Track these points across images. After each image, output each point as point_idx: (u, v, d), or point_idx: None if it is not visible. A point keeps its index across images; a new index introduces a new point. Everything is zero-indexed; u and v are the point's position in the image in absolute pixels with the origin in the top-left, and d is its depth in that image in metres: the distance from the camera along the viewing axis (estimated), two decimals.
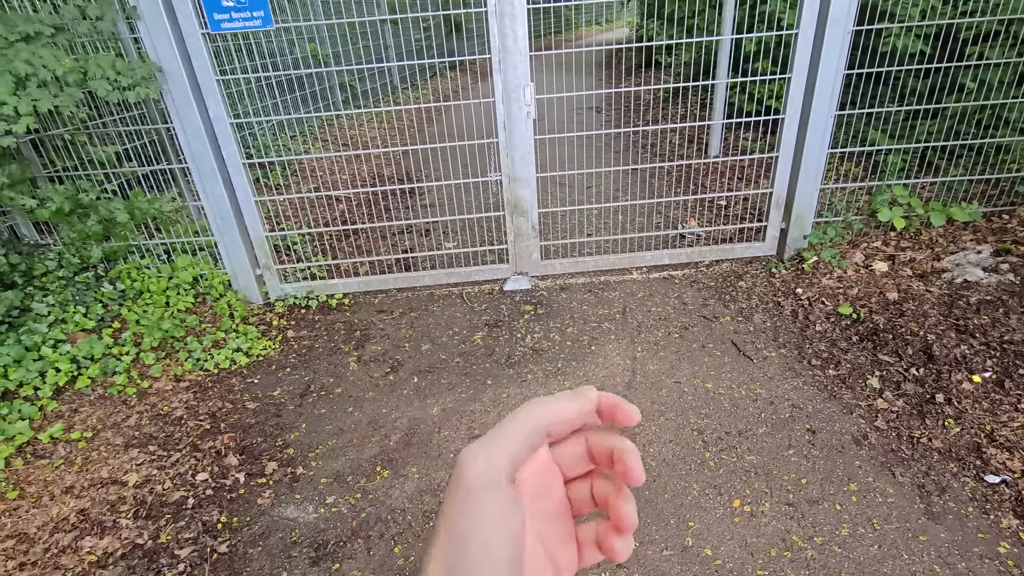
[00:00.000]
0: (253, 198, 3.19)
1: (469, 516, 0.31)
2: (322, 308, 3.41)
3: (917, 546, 1.81)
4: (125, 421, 2.55)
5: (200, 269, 3.34)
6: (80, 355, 2.76)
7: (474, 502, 0.31)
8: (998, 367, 2.37)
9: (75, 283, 3.06)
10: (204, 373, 2.86)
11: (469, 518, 0.31)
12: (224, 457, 2.37)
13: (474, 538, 0.30)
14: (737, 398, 2.48)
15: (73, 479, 2.26)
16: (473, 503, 0.31)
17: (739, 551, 1.85)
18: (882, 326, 2.73)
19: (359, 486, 2.20)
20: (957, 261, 3.01)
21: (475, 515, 0.30)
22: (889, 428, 2.25)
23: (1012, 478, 1.96)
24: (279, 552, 1.97)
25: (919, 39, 3.72)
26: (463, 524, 0.31)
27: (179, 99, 2.83)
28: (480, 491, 0.31)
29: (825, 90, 3.01)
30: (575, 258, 3.59)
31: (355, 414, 2.57)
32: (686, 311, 3.12)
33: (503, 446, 0.32)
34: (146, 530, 2.06)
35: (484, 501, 0.31)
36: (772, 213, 3.41)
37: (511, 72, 2.97)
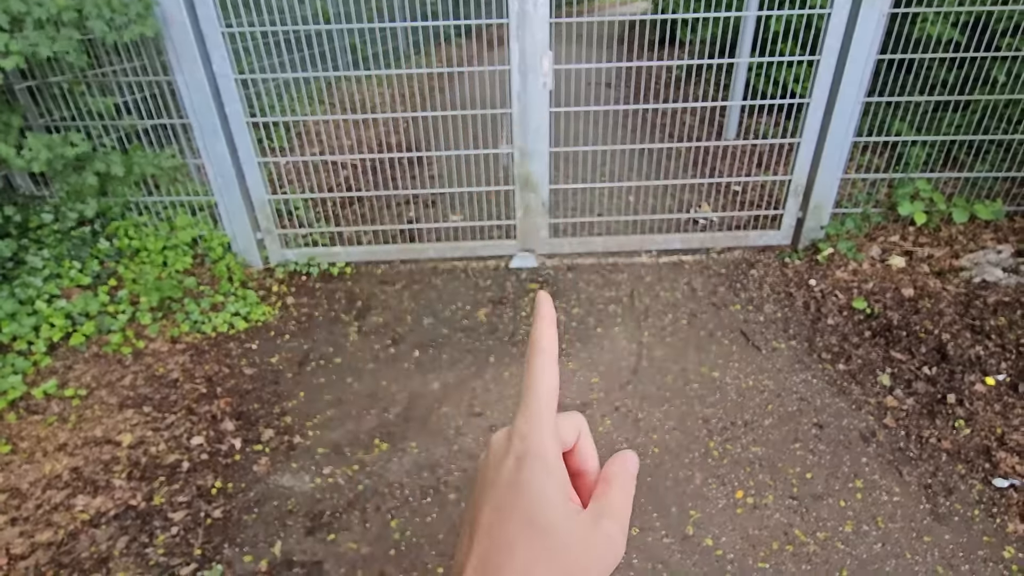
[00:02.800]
0: (256, 159, 3.09)
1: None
2: (323, 276, 3.34)
3: (921, 546, 1.79)
4: (120, 381, 2.51)
5: (200, 230, 3.26)
6: (75, 311, 2.70)
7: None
8: (1013, 370, 2.32)
9: (71, 238, 2.98)
10: (201, 336, 2.81)
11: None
12: (220, 422, 2.33)
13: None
14: (744, 388, 2.44)
15: (66, 436, 2.23)
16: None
17: (740, 542, 1.82)
18: (896, 322, 2.67)
19: (357, 458, 2.17)
20: (976, 260, 2.94)
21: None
22: (898, 426, 2.21)
23: (1021, 483, 1.93)
24: (274, 520, 1.95)
25: (954, 27, 3.58)
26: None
27: (182, 50, 2.71)
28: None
29: (855, 75, 2.89)
30: (584, 237, 3.51)
31: (354, 385, 2.53)
32: (695, 297, 3.06)
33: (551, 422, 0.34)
34: (139, 491, 2.03)
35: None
36: (789, 201, 3.32)
37: (529, 39, 2.85)
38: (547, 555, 0.30)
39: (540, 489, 0.31)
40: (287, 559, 1.83)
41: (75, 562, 1.81)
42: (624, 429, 2.26)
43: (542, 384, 0.33)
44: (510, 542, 0.30)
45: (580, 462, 0.36)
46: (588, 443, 0.37)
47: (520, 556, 0.30)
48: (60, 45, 2.31)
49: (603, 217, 3.75)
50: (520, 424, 0.33)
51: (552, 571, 0.30)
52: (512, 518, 0.31)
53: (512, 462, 0.32)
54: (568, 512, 0.31)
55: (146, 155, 2.98)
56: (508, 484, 0.31)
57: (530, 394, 0.33)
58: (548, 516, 0.30)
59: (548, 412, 0.33)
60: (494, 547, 0.30)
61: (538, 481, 0.31)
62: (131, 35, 2.51)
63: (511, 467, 0.32)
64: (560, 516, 0.30)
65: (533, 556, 0.30)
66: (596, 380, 2.51)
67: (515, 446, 0.32)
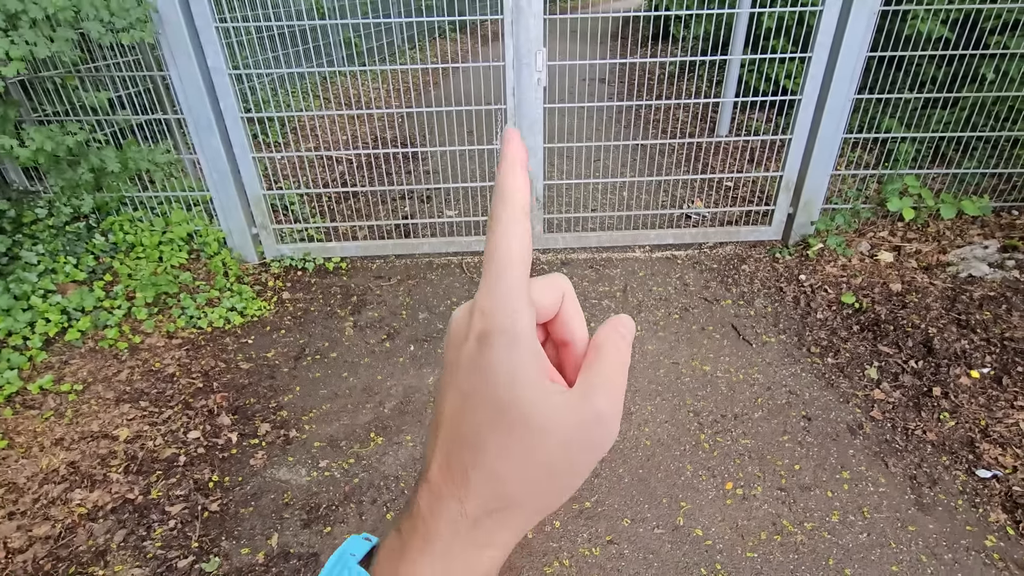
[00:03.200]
0: (251, 154, 3.09)
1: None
2: (319, 271, 3.36)
3: (905, 536, 1.83)
4: (116, 375, 2.52)
5: (195, 225, 3.26)
6: (71, 307, 2.70)
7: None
8: (997, 363, 2.37)
9: (66, 233, 2.98)
10: (197, 331, 2.82)
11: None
12: (216, 416, 2.35)
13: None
14: (735, 382, 2.48)
15: (63, 431, 2.24)
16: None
17: (730, 533, 1.86)
18: (884, 317, 2.72)
19: (352, 451, 2.19)
20: (963, 255, 2.98)
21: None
22: (884, 419, 2.25)
23: (1003, 473, 1.98)
24: (271, 513, 1.97)
25: (944, 25, 3.62)
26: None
27: (175, 45, 2.71)
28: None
29: (846, 72, 2.92)
30: (578, 233, 3.53)
31: (350, 379, 2.55)
32: (687, 292, 3.09)
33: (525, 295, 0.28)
34: (137, 485, 2.05)
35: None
36: (780, 197, 3.35)
37: (523, 35, 2.86)
38: (521, 445, 0.26)
39: (508, 370, 0.26)
40: (284, 551, 1.85)
41: (73, 555, 1.83)
42: None
43: (509, 244, 0.26)
44: (476, 432, 0.26)
45: (565, 330, 0.31)
46: (573, 307, 0.31)
47: (489, 450, 0.26)
48: (58, 46, 2.31)
49: (597, 212, 3.77)
50: (482, 296, 0.27)
51: (528, 463, 0.26)
52: (478, 406, 0.26)
53: (472, 341, 0.27)
54: (545, 392, 0.26)
55: (140, 150, 2.98)
56: (470, 366, 0.27)
57: (493, 258, 0.27)
58: (520, 401, 0.26)
59: (516, 278, 0.26)
60: (459, 440, 0.27)
61: (505, 360, 0.26)
62: (129, 39, 2.50)
63: (472, 347, 0.27)
64: (535, 398, 0.26)
65: (505, 448, 0.26)
66: None
67: (476, 323, 0.27)
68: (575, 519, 1.92)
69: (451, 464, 0.27)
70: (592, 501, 1.98)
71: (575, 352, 0.30)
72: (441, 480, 0.27)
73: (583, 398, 0.27)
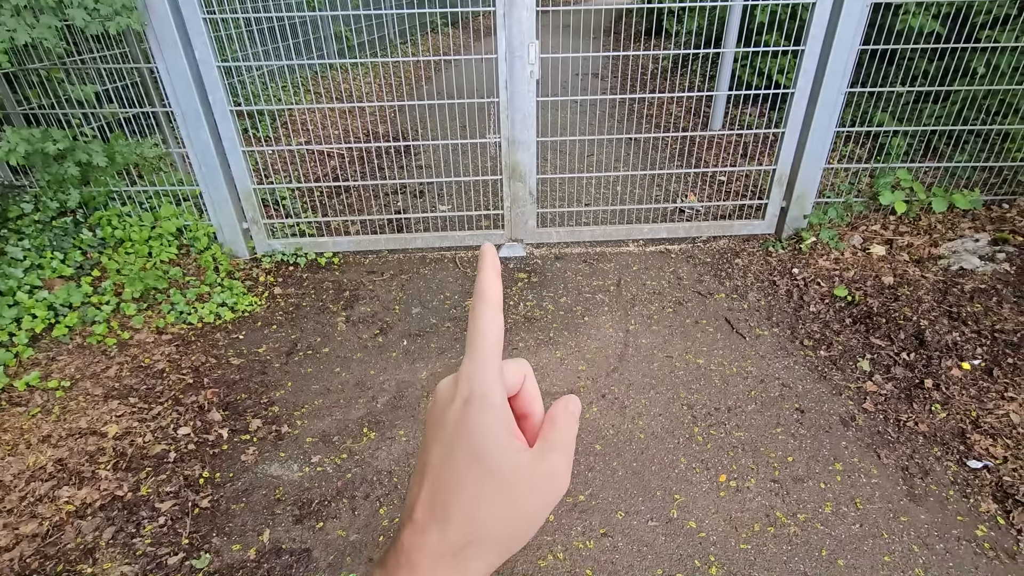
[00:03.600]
0: (240, 148, 3.06)
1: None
2: (311, 266, 3.33)
3: (898, 526, 1.84)
4: (105, 372, 2.49)
5: (184, 220, 3.22)
6: (57, 302, 2.66)
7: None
8: (988, 355, 2.39)
9: (52, 228, 2.94)
10: (187, 326, 2.79)
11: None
12: (207, 412, 2.32)
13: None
14: (728, 375, 2.48)
15: (50, 428, 2.21)
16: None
17: (723, 525, 1.87)
18: (876, 310, 2.73)
19: (345, 446, 2.18)
20: (954, 248, 3.00)
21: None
22: (877, 410, 2.26)
23: (994, 464, 1.99)
24: (262, 509, 1.95)
25: (935, 19, 3.63)
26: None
27: (163, 37, 2.67)
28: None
29: (838, 66, 2.92)
30: (571, 227, 3.52)
31: (342, 375, 2.53)
32: (681, 286, 3.09)
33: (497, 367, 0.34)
34: (126, 482, 2.02)
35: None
36: (773, 191, 3.36)
37: (516, 28, 2.84)
38: (493, 489, 0.31)
39: (486, 428, 0.32)
40: (276, 547, 1.83)
41: (61, 553, 1.80)
42: (611, 416, 2.29)
43: (488, 331, 0.34)
44: (458, 479, 0.31)
45: (526, 404, 0.38)
46: (532, 386, 0.38)
47: (468, 491, 0.31)
48: (39, 32, 2.26)
49: (590, 207, 3.76)
50: (466, 368, 0.33)
51: (498, 504, 0.31)
52: (460, 456, 0.32)
53: (459, 403, 0.33)
54: (513, 449, 0.32)
55: (128, 144, 2.94)
56: (455, 424, 0.32)
57: (476, 341, 0.34)
58: (494, 453, 0.31)
59: (493, 357, 0.33)
60: (443, 484, 0.32)
61: (484, 420, 0.32)
62: (116, 27, 2.46)
63: (458, 408, 0.33)
64: (505, 452, 0.32)
65: (480, 491, 0.31)
66: (583, 368, 2.54)
67: (462, 388, 0.33)
68: (569, 512, 1.92)
69: (434, 504, 0.32)
70: (586, 494, 1.98)
71: (533, 423, 0.37)
72: (424, 519, 0.31)
73: (542, 456, 0.33)
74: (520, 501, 0.32)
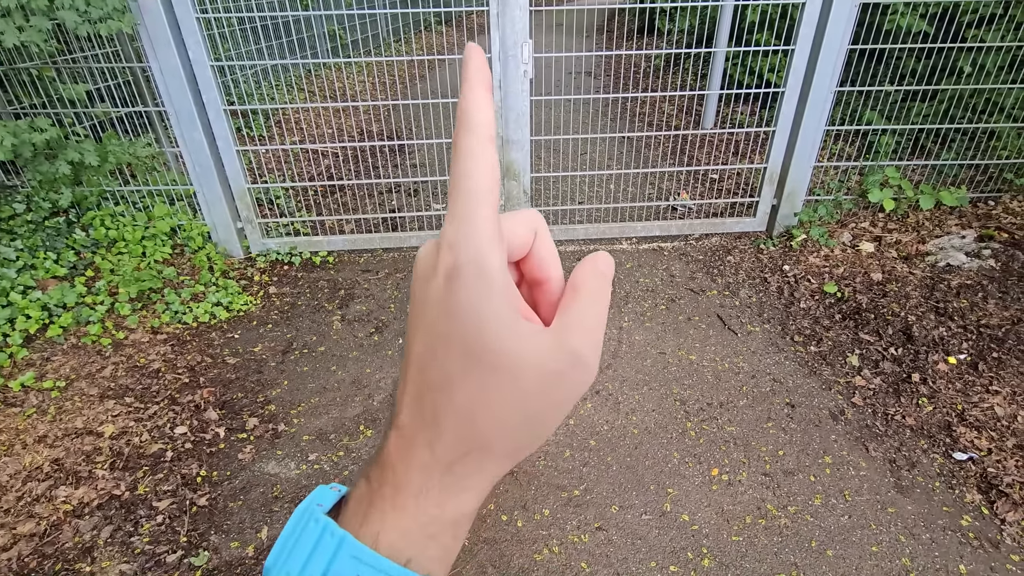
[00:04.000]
0: (234, 147, 3.06)
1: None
2: (305, 265, 3.33)
3: (885, 517, 1.88)
4: (100, 372, 2.49)
5: (178, 220, 3.22)
6: (51, 303, 2.66)
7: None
8: (973, 350, 2.43)
9: (45, 228, 2.92)
10: (182, 326, 2.79)
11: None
12: (203, 411, 2.33)
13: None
14: (720, 371, 2.51)
15: (46, 428, 2.21)
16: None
17: (715, 518, 1.90)
18: (865, 306, 2.77)
19: (342, 444, 2.19)
20: (941, 245, 3.05)
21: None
22: (865, 405, 2.31)
23: (979, 456, 2.04)
24: (260, 507, 1.97)
25: (923, 19, 3.68)
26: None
27: (156, 36, 2.66)
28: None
29: (827, 65, 2.96)
30: (565, 226, 3.55)
31: (338, 373, 2.55)
32: (674, 283, 3.13)
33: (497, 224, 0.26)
34: (123, 481, 2.03)
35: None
36: (764, 189, 3.40)
37: (509, 27, 2.85)
38: (493, 388, 0.25)
39: (479, 308, 0.24)
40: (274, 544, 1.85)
41: (59, 552, 1.81)
42: (605, 412, 2.32)
43: (475, 173, 0.24)
44: (446, 376, 0.25)
45: (539, 268, 0.29)
46: (547, 245, 0.30)
47: (460, 391, 0.25)
48: (28, 35, 2.25)
49: (584, 205, 3.79)
50: (448, 230, 0.25)
51: (501, 405, 0.25)
52: (446, 347, 0.25)
53: (440, 278, 0.25)
54: (518, 333, 0.25)
55: (121, 143, 2.93)
56: (438, 306, 0.25)
57: (459, 188, 0.24)
58: (490, 342, 0.24)
59: (484, 210, 0.24)
60: (430, 383, 0.26)
61: (474, 299, 0.24)
62: (108, 30, 2.45)
63: (439, 284, 0.25)
64: (506, 339, 0.24)
65: (476, 391, 0.25)
66: None
67: (443, 259, 0.25)
68: (564, 507, 1.94)
69: (422, 408, 0.26)
70: (581, 489, 2.00)
71: (550, 291, 0.29)
72: (411, 425, 0.26)
73: (560, 338, 0.25)
74: (531, 399, 0.25)
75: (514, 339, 0.24)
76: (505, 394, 0.25)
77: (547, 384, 0.25)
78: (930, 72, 3.48)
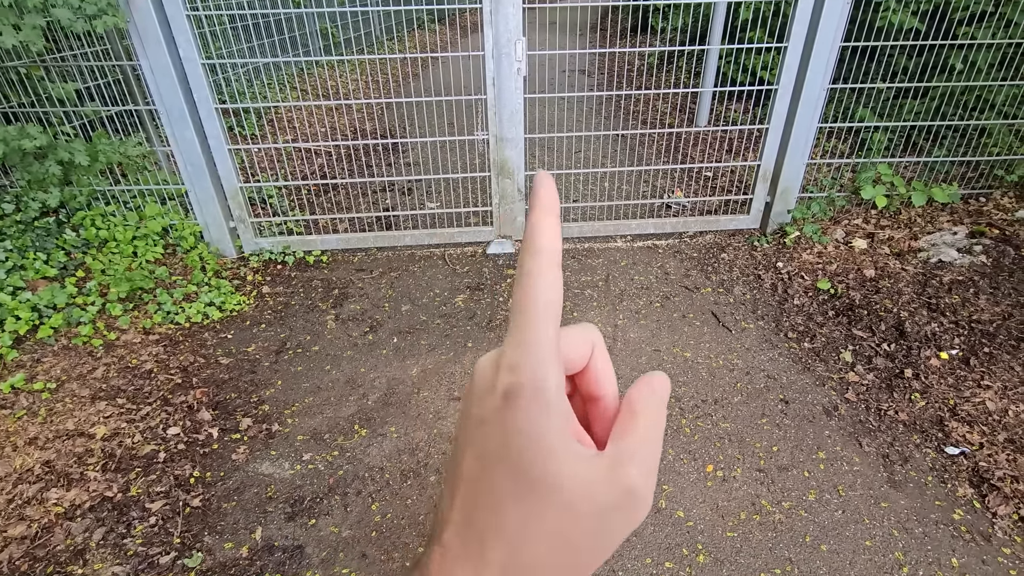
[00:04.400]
0: (226, 146, 3.03)
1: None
2: (299, 264, 3.32)
3: (879, 512, 1.89)
4: (91, 373, 2.47)
5: (170, 219, 3.20)
6: (41, 304, 2.63)
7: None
8: (965, 345, 2.45)
9: (34, 228, 2.90)
10: (175, 326, 2.77)
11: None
12: (196, 412, 2.31)
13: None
14: (714, 367, 2.52)
15: (37, 430, 2.19)
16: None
17: (710, 514, 1.90)
18: (858, 302, 2.78)
19: (336, 444, 2.19)
20: (933, 241, 3.07)
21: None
22: (859, 400, 2.32)
23: (970, 450, 2.05)
24: (254, 507, 1.96)
25: (915, 16, 3.69)
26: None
27: (146, 34, 2.64)
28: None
29: (820, 62, 2.97)
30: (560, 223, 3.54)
31: (332, 372, 2.54)
32: (668, 281, 3.13)
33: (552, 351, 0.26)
34: (115, 483, 2.01)
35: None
36: (758, 186, 3.40)
37: (503, 25, 2.85)
38: (544, 515, 0.24)
39: (534, 432, 0.24)
40: (268, 544, 1.84)
41: (50, 555, 1.79)
42: None
43: (538, 295, 0.25)
44: (497, 500, 0.24)
45: (595, 385, 0.29)
46: (604, 360, 0.29)
47: (511, 517, 0.24)
48: (25, 34, 2.23)
49: (578, 203, 3.79)
50: (510, 350, 0.25)
51: (551, 536, 0.24)
52: (499, 469, 0.24)
53: (499, 399, 0.25)
54: (573, 458, 0.24)
55: (111, 143, 2.91)
56: (494, 425, 0.25)
57: (522, 310, 0.25)
58: (544, 466, 0.24)
59: (546, 332, 0.24)
60: (478, 507, 0.25)
61: (531, 422, 0.24)
62: (102, 26, 2.43)
63: (497, 404, 0.25)
64: (560, 464, 0.24)
65: (526, 517, 0.24)
66: None
67: (503, 379, 0.25)
68: None
69: (468, 530, 0.25)
70: None
71: (605, 407, 0.29)
72: (456, 546, 0.25)
73: (615, 469, 0.25)
74: (582, 530, 0.24)
75: (569, 466, 0.24)
76: (555, 522, 0.24)
77: (599, 515, 0.24)
78: (922, 69, 3.49)
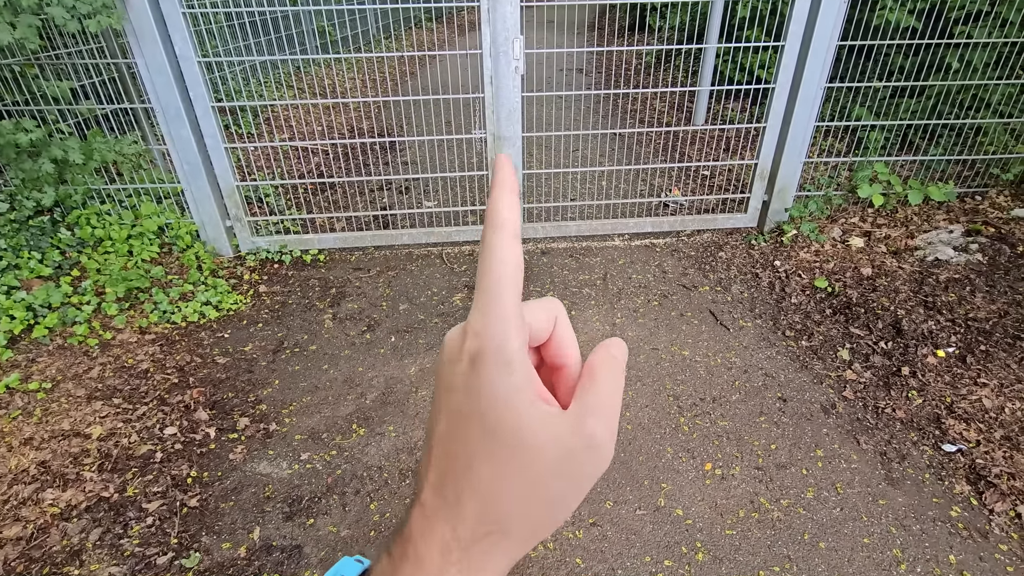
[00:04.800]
0: (223, 144, 3.02)
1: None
2: (296, 263, 3.31)
3: (876, 509, 1.90)
4: (87, 373, 2.45)
5: (166, 218, 3.18)
6: (36, 303, 2.62)
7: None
8: (961, 343, 2.46)
9: (29, 227, 2.88)
10: (171, 326, 2.76)
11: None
12: (193, 412, 2.30)
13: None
14: (712, 366, 2.52)
15: (32, 430, 2.17)
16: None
17: (709, 512, 1.91)
18: (855, 300, 2.79)
19: (334, 443, 2.18)
20: (930, 240, 3.08)
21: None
22: (856, 398, 2.32)
23: (967, 447, 2.06)
24: (252, 507, 1.95)
25: (911, 14, 3.70)
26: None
27: (142, 32, 2.62)
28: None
29: (817, 61, 2.97)
30: (557, 222, 3.54)
31: (330, 372, 2.53)
32: (666, 279, 3.13)
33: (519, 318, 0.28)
34: (112, 483, 2.00)
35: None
36: (756, 185, 3.41)
37: (500, 23, 2.84)
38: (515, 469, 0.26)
39: (502, 391, 0.26)
40: (266, 544, 1.83)
41: (46, 556, 1.78)
42: None
43: (500, 266, 0.26)
44: (468, 456, 0.27)
45: (559, 354, 0.31)
46: (567, 331, 0.31)
47: (482, 472, 0.26)
48: (21, 32, 2.21)
49: (576, 202, 3.79)
50: (474, 318, 0.27)
51: (522, 488, 0.26)
52: (469, 428, 0.27)
53: (466, 362, 0.27)
54: (539, 415, 0.26)
55: (106, 141, 2.89)
56: (463, 388, 0.27)
57: (485, 280, 0.27)
58: (513, 424, 0.26)
59: (508, 300, 0.26)
60: (452, 464, 0.27)
61: (496, 382, 0.26)
62: (96, 26, 2.41)
63: (465, 368, 0.27)
64: (528, 421, 0.26)
65: (499, 472, 0.26)
66: None
67: (469, 344, 0.27)
68: None
69: (444, 486, 0.27)
70: None
71: (569, 375, 0.31)
72: (433, 503, 0.27)
73: (577, 422, 0.27)
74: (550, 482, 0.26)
75: (534, 421, 0.26)
76: (524, 475, 0.26)
77: (564, 466, 0.26)
78: (918, 68, 3.50)
